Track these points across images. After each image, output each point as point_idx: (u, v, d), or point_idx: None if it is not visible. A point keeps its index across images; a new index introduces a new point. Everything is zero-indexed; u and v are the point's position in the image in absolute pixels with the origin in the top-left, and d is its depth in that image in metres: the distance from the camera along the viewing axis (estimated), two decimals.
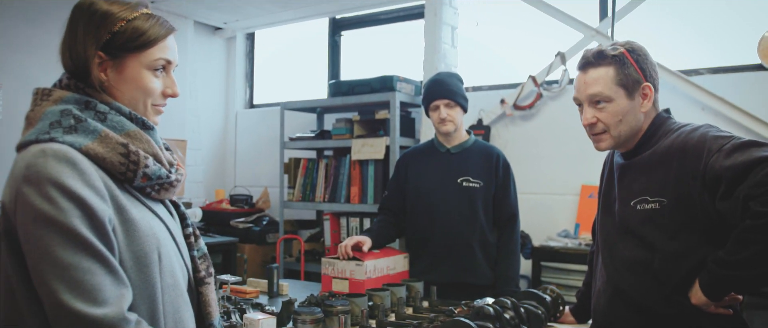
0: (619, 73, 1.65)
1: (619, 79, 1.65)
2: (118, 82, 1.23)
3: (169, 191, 1.28)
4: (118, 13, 1.22)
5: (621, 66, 1.65)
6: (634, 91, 1.67)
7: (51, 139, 1.11)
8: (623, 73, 1.65)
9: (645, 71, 1.67)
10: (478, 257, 2.60)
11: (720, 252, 1.50)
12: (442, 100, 2.60)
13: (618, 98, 1.66)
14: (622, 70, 1.65)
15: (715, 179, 1.49)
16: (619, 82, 1.66)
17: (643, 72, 1.67)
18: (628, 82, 1.65)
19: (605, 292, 1.76)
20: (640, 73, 1.67)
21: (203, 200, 5.03)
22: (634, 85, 1.66)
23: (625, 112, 1.67)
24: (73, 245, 1.05)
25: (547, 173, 3.69)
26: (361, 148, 3.87)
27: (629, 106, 1.67)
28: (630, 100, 1.67)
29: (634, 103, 1.67)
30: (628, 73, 1.65)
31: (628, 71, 1.65)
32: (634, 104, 1.67)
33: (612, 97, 1.66)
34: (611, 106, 1.67)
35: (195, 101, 5.07)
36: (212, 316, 1.35)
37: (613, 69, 1.66)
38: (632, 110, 1.67)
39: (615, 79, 1.66)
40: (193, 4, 4.68)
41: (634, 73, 1.66)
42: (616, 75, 1.66)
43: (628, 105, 1.67)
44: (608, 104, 1.67)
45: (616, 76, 1.66)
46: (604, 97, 1.67)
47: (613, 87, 1.66)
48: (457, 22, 4.08)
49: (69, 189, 1.06)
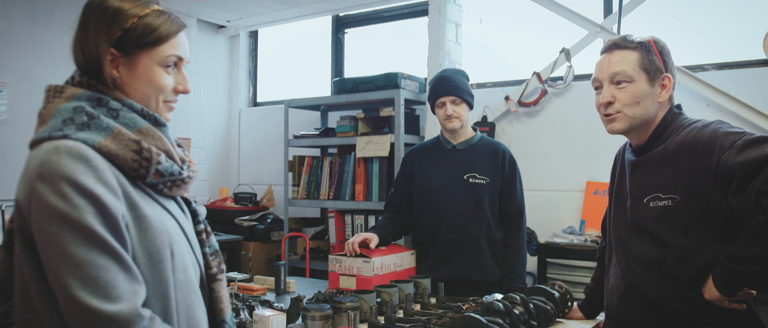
0: (644, 58, 1.69)
1: (643, 64, 1.69)
2: (131, 78, 1.23)
3: (181, 187, 1.29)
4: (130, 10, 1.22)
5: (646, 52, 1.70)
6: (656, 78, 1.70)
7: (64, 136, 1.11)
8: (648, 59, 1.69)
9: (667, 63, 1.71)
10: (485, 253, 2.60)
11: (733, 248, 1.50)
12: (448, 96, 2.60)
13: (639, 81, 1.69)
14: (647, 56, 1.69)
15: (727, 175, 1.49)
16: (642, 66, 1.69)
17: (665, 64, 1.71)
18: (651, 68, 1.69)
19: (618, 288, 1.76)
20: (663, 63, 1.70)
21: (207, 199, 5.03)
22: (656, 72, 1.69)
23: (644, 95, 1.69)
24: (87, 242, 1.05)
25: (552, 170, 3.68)
26: (366, 146, 3.87)
27: (648, 91, 1.69)
28: (650, 85, 1.70)
29: (653, 91, 1.70)
30: (652, 60, 1.69)
31: (652, 58, 1.69)
32: (653, 91, 1.70)
33: (634, 78, 1.69)
34: (632, 87, 1.70)
35: (199, 99, 5.07)
36: (224, 312, 1.35)
37: (639, 53, 1.70)
38: (650, 96, 1.70)
39: (640, 62, 1.69)
40: (196, 3, 4.67)
41: (658, 61, 1.70)
42: (641, 59, 1.70)
43: (647, 90, 1.69)
44: (629, 84, 1.70)
45: (640, 59, 1.70)
46: (627, 77, 1.70)
47: (637, 69, 1.69)
48: (461, 19, 4.08)
49: (83, 186, 1.06)
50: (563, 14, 3.67)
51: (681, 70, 3.28)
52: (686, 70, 3.29)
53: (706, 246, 1.57)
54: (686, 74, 3.27)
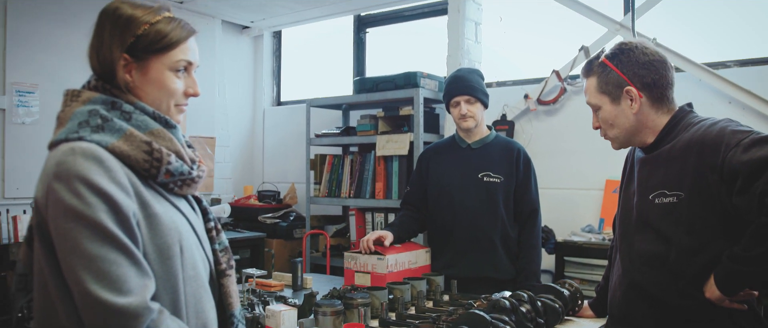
0: (600, 82, 1.74)
1: (601, 88, 1.75)
2: (143, 82, 1.29)
3: (191, 186, 1.34)
4: (142, 17, 1.28)
5: (601, 74, 1.74)
6: (618, 96, 1.73)
7: (80, 138, 1.17)
8: (603, 81, 1.74)
9: (628, 72, 1.70)
10: (499, 251, 2.62)
11: (735, 247, 1.50)
12: (462, 96, 2.63)
13: (604, 105, 1.76)
14: (602, 78, 1.74)
15: (732, 174, 1.49)
16: (601, 90, 1.75)
17: (626, 74, 1.70)
18: (609, 88, 1.73)
19: (621, 285, 1.77)
20: (622, 76, 1.71)
21: (232, 196, 5.13)
22: (615, 90, 1.72)
23: (613, 116, 1.75)
24: (99, 238, 1.11)
25: (571, 168, 3.68)
26: (386, 144, 3.91)
27: (616, 110, 1.74)
28: (615, 105, 1.74)
29: (621, 108, 1.73)
30: (609, 79, 1.72)
31: (609, 78, 1.73)
32: (620, 109, 1.73)
33: (599, 105, 1.77)
34: (602, 113, 1.78)
35: (223, 99, 5.17)
36: (233, 306, 1.40)
37: (596, 78, 1.76)
38: (620, 114, 1.73)
39: (597, 87, 1.76)
40: (220, 4, 4.76)
41: (615, 77, 1.72)
42: (597, 84, 1.75)
43: (614, 110, 1.74)
44: (600, 111, 1.78)
45: (597, 85, 1.75)
46: (594, 105, 1.79)
47: (598, 95, 1.76)
48: (480, 18, 4.09)
49: (96, 185, 1.12)
50: (583, 12, 3.66)
51: (701, 67, 3.25)
52: (707, 68, 3.25)
53: (709, 244, 1.57)
54: (706, 71, 3.24)
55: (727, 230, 1.55)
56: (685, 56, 3.29)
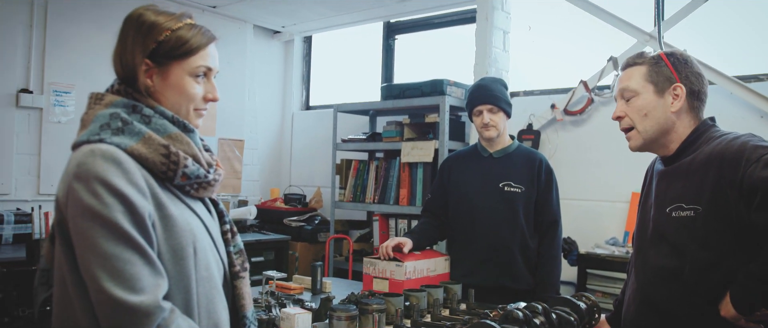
0: (651, 71, 1.72)
1: (650, 76, 1.71)
2: (163, 87, 1.33)
3: (207, 189, 1.37)
4: (164, 24, 1.32)
5: (654, 65, 1.72)
6: (664, 89, 1.70)
7: (100, 140, 1.22)
8: (655, 71, 1.71)
9: (681, 73, 1.70)
10: (518, 261, 2.61)
11: (752, 265, 1.47)
12: (485, 105, 2.63)
13: (645, 93, 1.72)
14: (654, 68, 1.72)
15: (751, 190, 1.46)
16: (648, 79, 1.72)
17: (679, 73, 1.70)
18: (659, 79, 1.70)
19: (635, 300, 1.75)
20: (675, 73, 1.70)
21: (259, 198, 5.19)
22: (664, 83, 1.70)
23: (651, 107, 1.71)
24: (115, 238, 1.15)
25: (597, 180, 3.64)
26: (411, 151, 3.92)
27: (656, 102, 1.70)
28: (658, 96, 1.70)
29: (663, 101, 1.70)
30: (660, 71, 1.71)
31: (660, 70, 1.71)
32: (662, 102, 1.70)
33: (639, 92, 1.73)
34: (637, 100, 1.73)
35: (253, 102, 5.25)
36: (246, 308, 1.43)
37: (646, 67, 1.73)
38: (659, 107, 1.70)
39: (645, 75, 1.72)
40: (252, 9, 4.85)
41: (667, 72, 1.70)
42: (647, 72, 1.72)
43: (654, 101, 1.71)
44: (635, 98, 1.73)
45: (647, 73, 1.72)
46: (633, 91, 1.73)
47: (642, 82, 1.72)
48: (509, 27, 4.08)
49: (113, 186, 1.16)
50: (612, 22, 3.62)
51: (733, 80, 3.19)
52: (738, 81, 3.18)
53: (724, 260, 1.54)
54: (738, 84, 3.17)
55: (744, 246, 1.52)
56: (715, 69, 3.23)
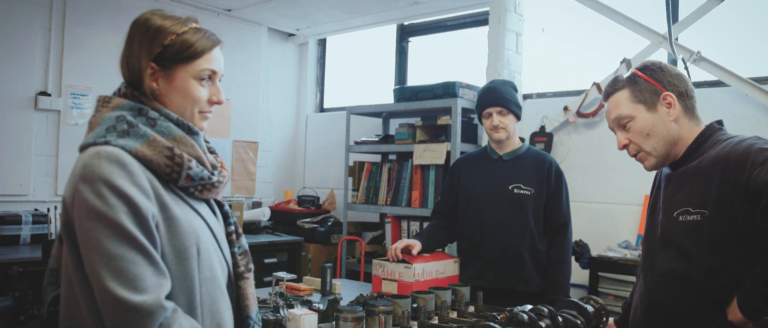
0: (634, 91, 1.70)
1: (635, 97, 1.70)
2: (168, 90, 1.35)
3: (211, 191, 1.39)
4: (170, 28, 1.34)
5: (634, 85, 1.71)
6: (655, 102, 1.68)
7: (106, 143, 1.24)
8: (637, 89, 1.70)
9: (662, 82, 1.69)
10: (527, 264, 2.60)
11: (758, 269, 1.46)
12: (494, 107, 2.63)
13: (638, 114, 1.70)
14: (635, 88, 1.70)
15: (756, 193, 1.45)
16: (635, 99, 1.70)
17: (660, 83, 1.68)
18: (645, 96, 1.69)
19: (642, 304, 1.74)
20: (657, 84, 1.68)
21: (272, 200, 5.23)
22: (652, 97, 1.68)
23: (651, 125, 1.69)
24: (119, 238, 1.17)
25: (610, 182, 3.61)
26: (423, 154, 3.93)
27: (653, 118, 1.69)
28: (652, 112, 1.69)
29: (659, 115, 1.68)
30: (643, 88, 1.69)
31: (642, 87, 1.69)
32: (658, 116, 1.68)
33: (633, 115, 1.71)
34: (635, 124, 1.71)
35: (267, 105, 5.29)
36: (249, 309, 1.44)
37: (628, 90, 1.72)
38: (659, 122, 1.68)
39: (630, 97, 1.71)
40: (267, 12, 4.89)
41: (649, 86, 1.69)
42: (630, 94, 1.71)
43: (650, 118, 1.69)
44: (632, 123, 1.71)
45: (630, 94, 1.71)
46: (626, 117, 1.72)
47: (631, 105, 1.71)
48: (522, 29, 4.07)
49: (118, 188, 1.19)
50: (626, 24, 3.60)
51: (746, 82, 3.15)
52: (753, 82, 3.15)
53: (731, 264, 1.53)
54: (753, 86, 3.14)
55: (751, 250, 1.51)
56: (730, 70, 3.19)
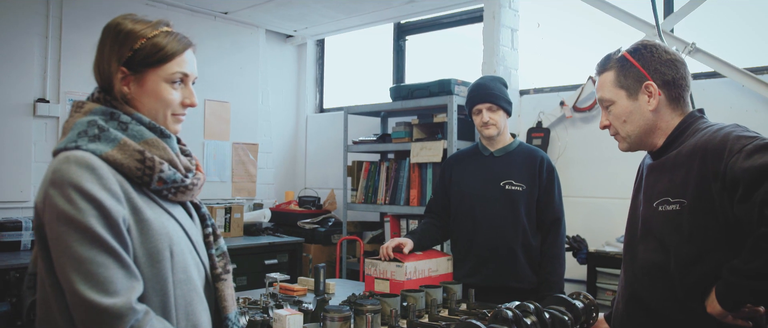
0: (619, 75, 1.68)
1: (619, 81, 1.68)
2: (140, 94, 1.36)
3: (185, 193, 1.39)
4: (140, 32, 1.35)
5: (621, 68, 1.69)
6: (636, 90, 1.67)
7: (77, 147, 1.25)
8: (622, 74, 1.68)
9: (649, 68, 1.65)
10: (520, 260, 2.59)
11: (735, 260, 1.44)
12: (484, 103, 2.62)
13: (619, 100, 1.69)
14: (621, 71, 1.68)
15: (733, 181, 1.43)
16: (618, 84, 1.69)
17: (647, 69, 1.65)
18: (628, 82, 1.67)
19: (623, 297, 1.73)
20: (643, 70, 1.65)
21: (273, 201, 5.24)
22: (634, 85, 1.66)
23: (628, 112, 1.68)
24: (89, 242, 1.17)
25: (607, 177, 3.59)
26: (420, 152, 3.92)
27: (632, 106, 1.67)
28: (632, 100, 1.67)
29: (638, 103, 1.67)
30: (629, 73, 1.67)
31: (628, 72, 1.67)
32: (637, 104, 1.67)
33: (613, 100, 1.70)
34: (615, 108, 1.71)
35: (267, 106, 5.30)
36: (228, 310, 1.44)
37: (614, 72, 1.70)
38: (636, 110, 1.67)
39: (614, 81, 1.69)
40: (263, 14, 4.89)
41: (636, 72, 1.66)
42: (615, 77, 1.69)
43: (629, 106, 1.68)
44: (613, 107, 1.71)
45: (615, 78, 1.69)
46: (607, 100, 1.72)
47: (614, 89, 1.69)
48: (517, 25, 4.05)
49: (87, 192, 1.19)
50: (620, 17, 3.58)
51: (743, 72, 3.12)
52: (749, 73, 3.12)
53: (709, 254, 1.51)
54: (749, 77, 3.11)
55: (729, 239, 1.49)
56: (726, 61, 3.17)
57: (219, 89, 4.83)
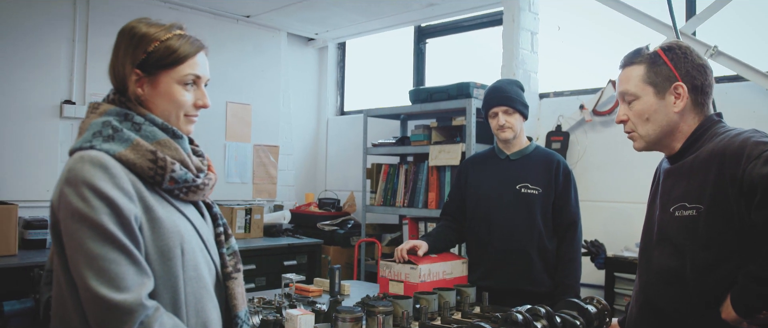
0: (649, 72, 1.64)
1: (649, 77, 1.64)
2: (153, 96, 1.39)
3: (197, 193, 1.42)
4: (154, 34, 1.38)
5: (652, 64, 1.65)
6: (664, 89, 1.63)
7: (91, 147, 1.29)
8: (653, 71, 1.64)
9: (681, 69, 1.62)
10: (535, 264, 2.58)
11: (752, 266, 1.42)
12: (500, 106, 2.61)
13: (645, 96, 1.65)
14: (652, 68, 1.64)
15: (751, 187, 1.41)
16: (647, 80, 1.65)
17: (679, 70, 1.62)
18: (658, 80, 1.63)
19: (637, 302, 1.71)
20: (675, 71, 1.62)
21: (294, 203, 5.28)
22: (663, 83, 1.63)
23: (653, 110, 1.64)
24: (101, 239, 1.21)
25: (626, 181, 3.55)
26: (438, 155, 3.92)
27: (657, 104, 1.64)
28: (659, 98, 1.64)
29: (664, 103, 1.64)
30: (659, 71, 1.63)
31: (659, 69, 1.63)
32: (663, 103, 1.64)
33: (639, 95, 1.66)
34: (638, 104, 1.67)
35: (288, 109, 5.34)
36: (238, 308, 1.47)
37: (644, 67, 1.65)
38: (661, 109, 1.64)
39: (644, 77, 1.65)
40: (285, 18, 4.94)
41: (666, 70, 1.63)
42: (645, 73, 1.65)
43: (655, 104, 1.64)
44: (636, 102, 1.67)
45: (645, 74, 1.65)
46: (632, 95, 1.67)
47: (641, 84, 1.65)
48: (537, 28, 4.03)
49: (100, 190, 1.23)
50: (641, 20, 3.54)
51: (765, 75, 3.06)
52: None
53: (725, 260, 1.49)
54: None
55: (746, 246, 1.47)
56: (749, 65, 3.11)
57: (241, 92, 4.89)
